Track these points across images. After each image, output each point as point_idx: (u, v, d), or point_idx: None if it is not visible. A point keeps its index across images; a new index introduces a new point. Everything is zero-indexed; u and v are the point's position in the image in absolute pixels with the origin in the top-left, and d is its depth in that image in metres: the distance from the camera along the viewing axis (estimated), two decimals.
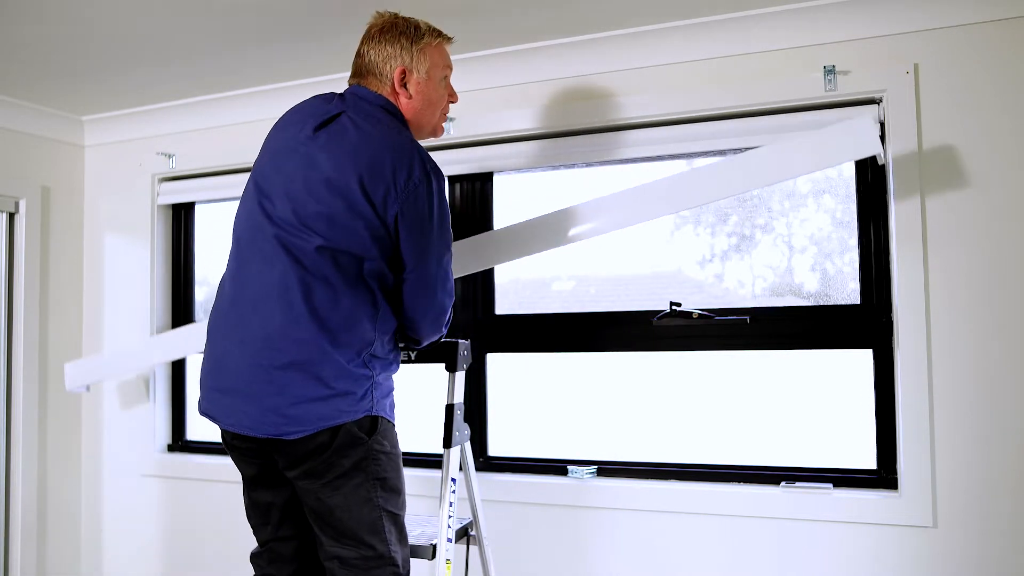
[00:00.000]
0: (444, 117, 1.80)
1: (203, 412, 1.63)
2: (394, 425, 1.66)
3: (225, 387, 1.57)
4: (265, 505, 1.68)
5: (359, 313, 1.55)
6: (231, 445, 1.65)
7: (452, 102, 1.79)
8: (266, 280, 1.54)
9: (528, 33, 2.22)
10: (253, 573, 1.74)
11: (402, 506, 1.64)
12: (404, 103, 1.68)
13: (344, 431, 1.53)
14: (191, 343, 2.60)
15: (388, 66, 1.65)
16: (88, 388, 2.78)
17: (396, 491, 1.62)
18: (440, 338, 1.78)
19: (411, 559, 1.71)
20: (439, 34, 1.71)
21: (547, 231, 2.08)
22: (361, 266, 1.55)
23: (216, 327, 1.62)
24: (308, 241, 1.52)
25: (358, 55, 1.70)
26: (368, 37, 1.69)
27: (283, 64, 2.42)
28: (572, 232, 2.05)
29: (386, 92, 1.67)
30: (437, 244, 1.62)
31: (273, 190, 1.59)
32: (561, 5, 2.02)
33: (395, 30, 1.66)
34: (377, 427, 1.58)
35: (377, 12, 1.72)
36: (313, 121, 1.61)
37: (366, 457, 1.56)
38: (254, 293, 1.55)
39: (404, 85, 1.66)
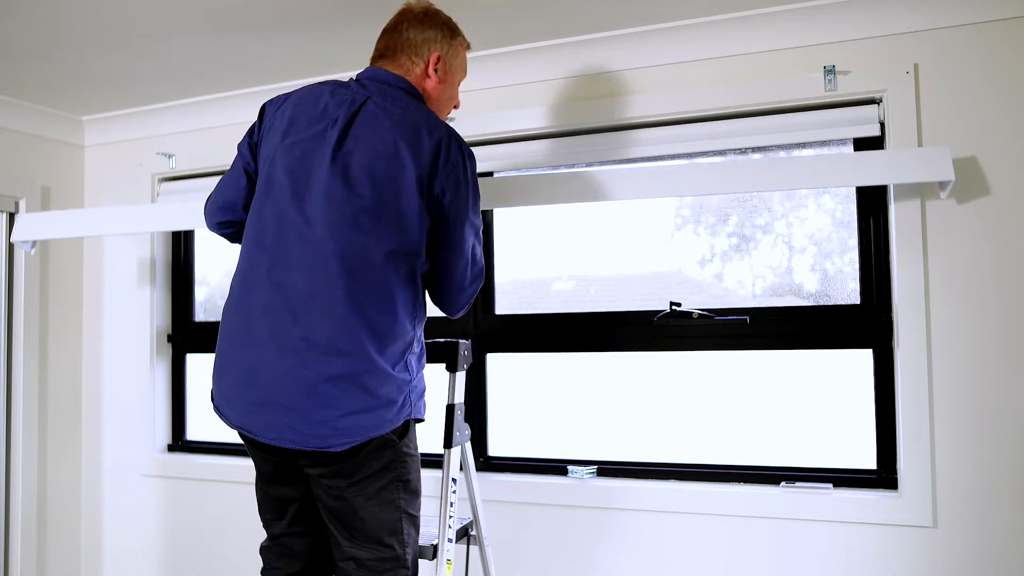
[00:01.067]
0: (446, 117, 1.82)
1: (238, 426, 1.55)
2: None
3: (263, 400, 1.49)
4: (282, 499, 1.67)
5: (402, 313, 1.53)
6: (252, 442, 1.61)
7: (455, 107, 1.81)
8: (307, 287, 1.47)
9: (528, 33, 2.22)
10: (262, 566, 1.74)
11: (419, 508, 1.64)
12: (431, 85, 1.68)
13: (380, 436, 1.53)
14: (157, 221, 2.55)
15: (427, 48, 1.66)
16: (33, 246, 2.62)
17: (416, 493, 1.62)
18: (465, 310, 1.76)
19: None
20: (466, 40, 1.76)
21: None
22: (404, 259, 1.52)
23: (242, 332, 1.52)
24: (352, 243, 1.48)
25: (394, 32, 1.68)
26: (410, 17, 1.69)
27: (283, 64, 2.42)
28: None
29: (416, 73, 1.66)
30: (471, 225, 1.62)
31: (308, 191, 1.52)
32: (561, 6, 2.03)
33: (438, 18, 1.70)
34: (408, 430, 1.58)
35: (416, 0, 1.73)
36: (342, 114, 1.56)
37: (395, 459, 1.56)
38: (293, 300, 1.48)
39: (436, 70, 1.67)
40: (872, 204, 2.09)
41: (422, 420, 1.64)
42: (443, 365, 1.91)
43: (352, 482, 1.54)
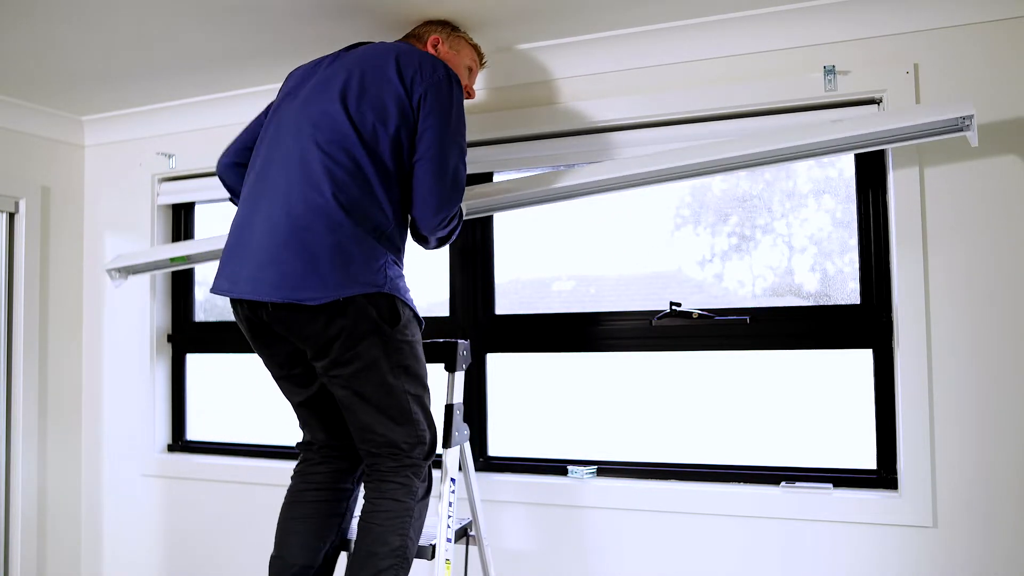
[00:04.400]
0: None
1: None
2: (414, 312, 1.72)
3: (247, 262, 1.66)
4: (304, 414, 1.85)
5: (378, 191, 1.65)
6: (265, 351, 1.75)
7: (469, 96, 2.02)
8: (290, 168, 1.66)
9: (526, 34, 2.22)
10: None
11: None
12: None
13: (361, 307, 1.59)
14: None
15: (427, 35, 1.99)
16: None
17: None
18: (445, 239, 1.85)
19: (411, 559, 1.70)
20: (475, 44, 2.09)
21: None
22: (382, 143, 1.66)
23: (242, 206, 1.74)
24: (338, 118, 1.66)
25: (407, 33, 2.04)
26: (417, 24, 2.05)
27: (283, 64, 2.42)
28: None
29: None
30: (453, 140, 1.74)
31: (301, 92, 1.76)
32: (558, 7, 2.02)
33: (438, 20, 2.03)
34: (397, 313, 1.64)
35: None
36: (343, 49, 1.85)
37: (380, 337, 1.63)
38: (276, 181, 1.68)
39: (435, 48, 1.96)
40: (872, 203, 2.09)
41: (410, 308, 1.69)
42: (442, 365, 1.91)
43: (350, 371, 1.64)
